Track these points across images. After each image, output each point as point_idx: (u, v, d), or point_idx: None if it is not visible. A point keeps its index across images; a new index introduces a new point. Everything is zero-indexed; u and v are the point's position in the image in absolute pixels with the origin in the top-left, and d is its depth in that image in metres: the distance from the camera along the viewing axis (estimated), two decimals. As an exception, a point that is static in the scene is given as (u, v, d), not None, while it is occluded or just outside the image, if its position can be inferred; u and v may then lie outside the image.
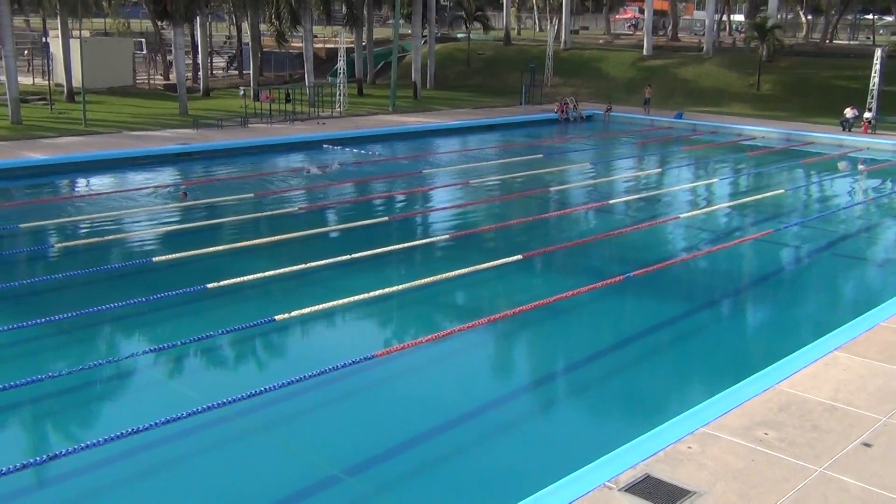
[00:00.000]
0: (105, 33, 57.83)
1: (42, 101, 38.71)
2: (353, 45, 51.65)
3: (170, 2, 37.70)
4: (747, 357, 13.47)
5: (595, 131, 39.94)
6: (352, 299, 14.39)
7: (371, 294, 14.65)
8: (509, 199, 24.53)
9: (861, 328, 13.04)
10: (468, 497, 9.31)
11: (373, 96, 48.12)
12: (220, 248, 17.67)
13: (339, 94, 41.48)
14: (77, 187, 25.52)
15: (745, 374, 11.29)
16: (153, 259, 16.75)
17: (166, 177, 26.57)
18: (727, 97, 46.15)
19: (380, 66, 56.51)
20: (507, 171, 28.53)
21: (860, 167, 33.18)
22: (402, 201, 24.48)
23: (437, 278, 15.67)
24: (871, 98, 37.59)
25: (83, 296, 14.88)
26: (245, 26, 52.17)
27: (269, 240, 18.69)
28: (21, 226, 19.33)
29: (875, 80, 37.62)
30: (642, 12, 66.37)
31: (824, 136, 36.78)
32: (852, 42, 64.20)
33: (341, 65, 41.89)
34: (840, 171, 32.40)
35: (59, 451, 9.32)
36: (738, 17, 76.72)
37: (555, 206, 24.34)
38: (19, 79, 34.54)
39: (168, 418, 9.87)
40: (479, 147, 34.29)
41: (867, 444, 9.27)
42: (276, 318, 13.34)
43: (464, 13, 60.71)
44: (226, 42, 67.53)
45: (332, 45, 54.58)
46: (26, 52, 51.62)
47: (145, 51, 54.99)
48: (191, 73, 49.39)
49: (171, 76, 48.71)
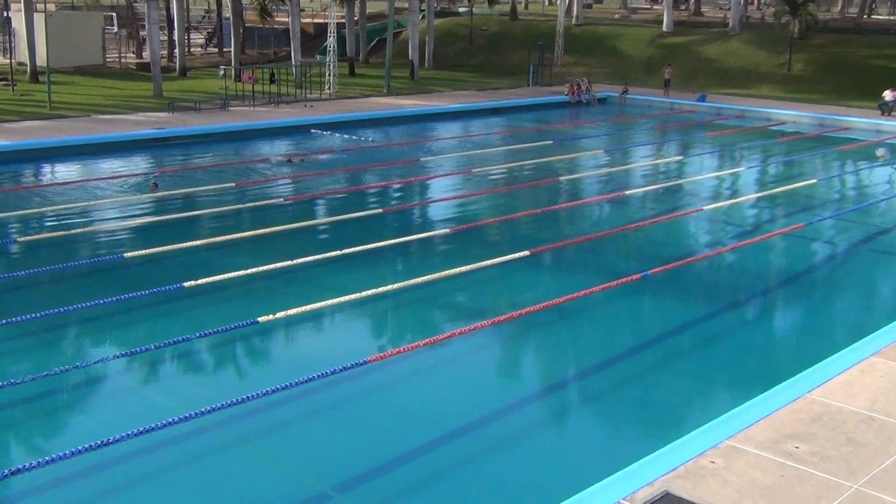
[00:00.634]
0: (72, 7, 57.80)
1: (3, 82, 38.66)
2: (344, 21, 51.61)
3: (143, -28, 37.74)
4: (776, 363, 13.48)
5: (609, 115, 39.92)
6: (343, 299, 14.40)
7: (364, 293, 14.66)
8: (515, 190, 24.54)
9: (901, 331, 13.05)
10: (470, 516, 9.33)
11: (366, 77, 48.08)
12: (199, 242, 17.69)
13: (329, 75, 41.45)
14: (41, 176, 25.51)
15: (774, 382, 11.30)
16: (125, 255, 16.77)
17: (139, 165, 26.55)
18: (755, 78, 46.13)
19: (373, 44, 56.47)
20: (513, 158, 28.53)
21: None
22: (398, 192, 24.50)
23: (437, 276, 15.68)
24: (914, 79, 37.65)
25: (48, 295, 14.89)
26: (225, -1, 52.23)
27: (251, 234, 18.70)
28: (-20, 218, 19.36)
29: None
30: (662, -15, 66.31)
31: (861, 120, 36.75)
32: (892, 17, 64.14)
33: (331, 42, 41.86)
34: (878, 159, 32.38)
35: (21, 466, 9.31)
36: (768, -10, 76.68)
37: (565, 197, 24.34)
38: (-22, 57, 34.56)
39: (141, 429, 9.87)
40: (483, 133, 34.27)
41: (907, 459, 9.28)
42: (260, 319, 13.35)
43: (466, -15, 60.80)
44: (204, 17, 67.53)
45: (322, 21, 54.53)
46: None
47: (116, 27, 54.92)
48: (166, 51, 49.34)
49: (144, 54, 48.70)
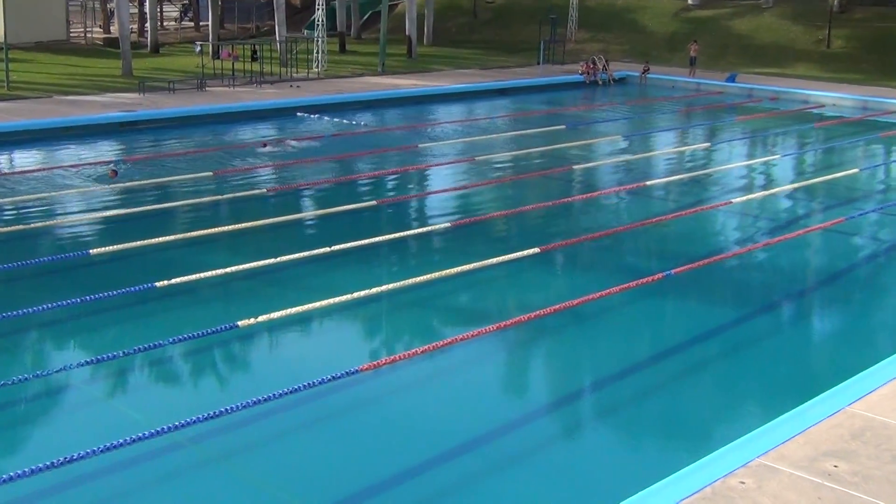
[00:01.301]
0: (32, -24, 57.70)
1: (-45, 59, 38.66)
2: (334, -8, 51.62)
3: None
4: (813, 373, 13.48)
5: (629, 97, 39.89)
6: (332, 301, 14.38)
7: (355, 295, 14.63)
8: (524, 180, 24.53)
9: (952, 338, 13.06)
10: (473, 542, 9.33)
11: (358, 54, 48.10)
12: (172, 238, 17.65)
13: (317, 52, 41.45)
14: (-2, 164, 25.53)
15: (811, 395, 11.26)
16: (90, 251, 16.73)
17: (106, 151, 26.56)
18: (791, 56, 46.09)
19: (367, 17, 56.48)
20: (521, 145, 28.52)
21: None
22: (394, 182, 24.49)
23: (436, 276, 15.65)
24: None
25: (4, 296, 14.90)
26: (203, -32, 52.21)
27: (230, 228, 18.68)
28: (-71, 210, 19.39)
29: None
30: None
31: (908, 103, 36.78)
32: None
33: (320, 15, 41.83)
34: (927, 146, 32.38)
35: (-25, 485, 9.30)
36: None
37: (579, 188, 24.32)
38: (-72, 31, 34.54)
39: (108, 445, 9.84)
40: (488, 116, 34.27)
41: (959, 480, 9.24)
42: (240, 323, 13.33)
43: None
44: (179, -13, 67.38)
45: (309, -8, 54.55)
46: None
47: (81, -2, 54.93)
48: (136, 26, 49.36)
49: (112, 29, 48.69)
